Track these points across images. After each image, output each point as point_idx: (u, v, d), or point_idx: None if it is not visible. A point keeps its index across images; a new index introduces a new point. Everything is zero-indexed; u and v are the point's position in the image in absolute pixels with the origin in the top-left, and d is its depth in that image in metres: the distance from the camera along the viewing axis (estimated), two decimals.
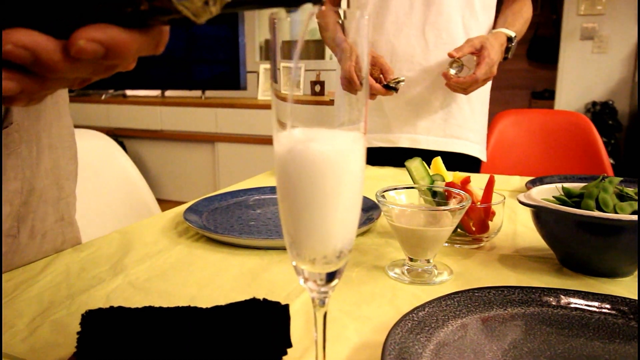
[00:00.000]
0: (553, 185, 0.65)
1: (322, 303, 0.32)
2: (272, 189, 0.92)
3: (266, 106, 3.05)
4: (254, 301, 0.39)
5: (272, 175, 1.13)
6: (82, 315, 0.37)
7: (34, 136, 0.60)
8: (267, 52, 4.02)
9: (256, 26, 4.10)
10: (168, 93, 3.64)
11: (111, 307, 0.38)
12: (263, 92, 3.31)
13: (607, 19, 3.42)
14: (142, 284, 0.56)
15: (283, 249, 0.66)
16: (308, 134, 0.29)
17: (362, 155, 0.30)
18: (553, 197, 0.61)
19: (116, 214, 1.03)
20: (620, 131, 3.46)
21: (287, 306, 0.39)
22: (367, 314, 0.49)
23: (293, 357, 0.41)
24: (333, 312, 0.49)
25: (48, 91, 0.30)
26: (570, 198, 0.59)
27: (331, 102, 0.32)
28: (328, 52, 2.38)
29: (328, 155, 0.28)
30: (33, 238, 0.61)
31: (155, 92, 3.67)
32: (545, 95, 4.94)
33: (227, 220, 0.76)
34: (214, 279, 0.58)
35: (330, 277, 0.29)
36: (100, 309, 0.38)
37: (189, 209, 0.78)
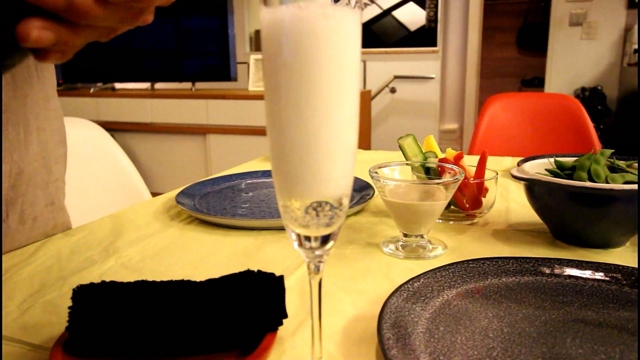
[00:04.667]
0: (545, 160, 0.65)
1: (317, 269, 0.32)
2: (265, 173, 0.92)
3: (257, 97, 3.03)
4: (248, 273, 0.39)
5: (265, 160, 1.13)
6: (73, 290, 0.36)
7: (22, 118, 0.59)
8: (257, 43, 4.00)
9: (246, 17, 4.07)
10: (157, 85, 3.61)
11: (103, 282, 0.37)
12: (254, 82, 3.29)
13: (596, 4, 3.43)
14: (135, 265, 0.55)
15: (277, 229, 0.65)
16: (296, 9, 0.26)
17: (359, 36, 0.27)
18: (545, 169, 0.61)
19: (108, 201, 1.02)
20: (609, 116, 3.49)
21: (281, 277, 0.39)
22: (362, 288, 0.49)
23: (288, 331, 0.41)
24: (328, 286, 0.49)
25: (80, 41, 0.30)
26: (563, 171, 0.59)
27: None
28: None
29: (322, 30, 0.25)
30: (23, 223, 0.60)
31: (145, 85, 3.63)
32: (534, 83, 4.96)
33: (219, 203, 0.76)
34: (208, 259, 0.57)
35: (325, 239, 0.29)
36: (91, 284, 0.37)
37: (181, 193, 0.78)
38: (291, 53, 0.26)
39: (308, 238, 0.29)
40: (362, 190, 0.77)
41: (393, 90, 3.75)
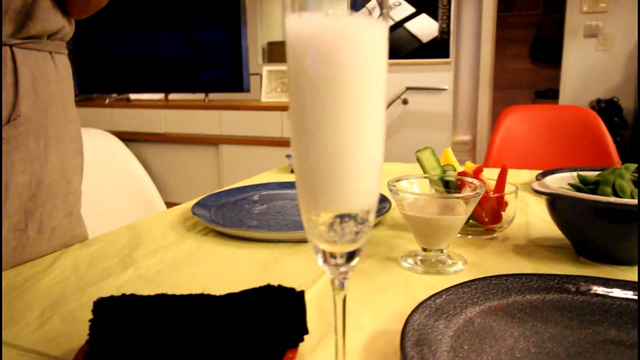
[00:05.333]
0: (567, 174, 0.64)
1: (342, 286, 0.31)
2: (280, 185, 0.91)
3: (270, 108, 3.05)
4: (268, 287, 0.38)
5: (279, 172, 1.13)
6: (94, 302, 0.36)
7: (42, 129, 0.59)
8: (270, 54, 4.03)
9: (259, 29, 4.11)
10: (171, 96, 3.65)
11: (123, 295, 0.37)
12: (266, 94, 3.31)
13: (611, 16, 3.41)
14: (152, 277, 0.55)
15: (294, 241, 0.65)
16: (322, 17, 0.25)
17: (385, 46, 0.27)
18: (568, 184, 0.60)
19: (122, 211, 1.03)
20: (625, 128, 3.44)
21: (302, 292, 0.38)
22: (381, 303, 0.48)
23: (308, 347, 0.40)
24: (347, 301, 0.48)
25: None
26: (586, 185, 0.58)
27: None
28: None
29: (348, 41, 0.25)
30: (42, 233, 0.60)
31: (159, 96, 3.67)
32: (548, 95, 4.93)
33: (235, 215, 0.75)
34: (225, 271, 0.57)
35: (351, 255, 0.29)
36: (112, 297, 0.37)
37: (197, 204, 0.78)
38: (316, 61, 0.25)
39: (333, 255, 0.28)
40: (379, 203, 0.76)
41: (405, 102, 3.75)
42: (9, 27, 0.54)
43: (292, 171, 1.06)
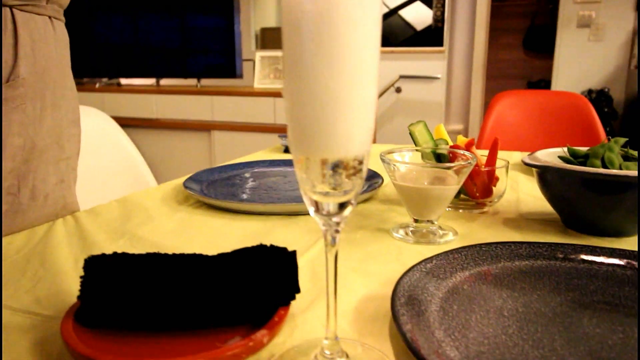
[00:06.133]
0: (558, 149, 0.64)
1: (333, 241, 0.31)
2: (272, 162, 0.91)
3: (263, 94, 3.03)
4: (261, 247, 0.39)
5: (271, 152, 1.13)
6: (85, 260, 0.36)
7: (39, 93, 0.59)
8: (263, 40, 4.00)
9: (252, 14, 4.07)
10: (163, 82, 3.61)
11: (115, 253, 0.37)
12: (259, 80, 3.29)
13: (604, 6, 3.42)
14: (144, 246, 0.55)
15: (286, 214, 0.65)
16: None
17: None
18: (558, 157, 0.61)
19: (115, 188, 1.02)
20: (616, 119, 3.47)
21: (294, 252, 0.39)
22: (373, 270, 0.49)
23: (300, 308, 0.40)
24: (339, 267, 0.49)
25: None
26: (576, 158, 0.59)
27: None
28: None
29: None
30: (34, 199, 0.60)
31: (150, 81, 3.63)
32: (541, 85, 4.94)
33: (227, 190, 0.76)
34: (218, 241, 0.57)
35: (343, 204, 0.29)
36: (103, 255, 0.37)
37: (189, 179, 0.78)
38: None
39: (325, 204, 0.29)
40: (370, 179, 0.76)
41: (398, 90, 3.75)
42: None
43: (285, 150, 1.06)
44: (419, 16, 3.82)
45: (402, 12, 3.84)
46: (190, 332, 0.35)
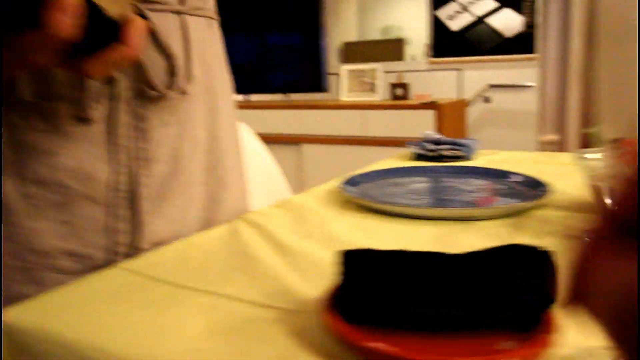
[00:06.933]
0: None
1: None
2: (423, 169, 0.89)
3: (350, 107, 3.06)
4: (514, 246, 0.37)
5: (399, 159, 1.11)
6: (343, 253, 0.36)
7: (210, 88, 0.62)
8: (347, 54, 4.04)
9: (335, 30, 4.14)
10: (251, 97, 3.76)
11: (368, 249, 0.37)
12: (346, 93, 3.32)
13: None
14: (336, 245, 0.55)
15: (460, 219, 0.63)
16: None
17: None
18: None
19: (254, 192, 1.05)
20: None
21: (551, 253, 0.36)
22: None
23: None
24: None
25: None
26: None
27: None
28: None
29: None
30: (226, 189, 0.64)
31: (239, 98, 3.79)
32: None
33: (389, 193, 0.75)
34: (401, 245, 0.56)
35: None
36: (358, 249, 0.36)
37: (347, 183, 0.77)
38: None
39: None
40: (535, 186, 0.72)
41: (487, 100, 3.62)
42: None
43: (417, 158, 1.04)
44: (508, 23, 3.69)
45: (490, 20, 3.73)
46: (452, 332, 0.34)
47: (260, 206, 0.99)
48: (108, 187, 0.51)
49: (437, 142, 0.97)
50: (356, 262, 0.35)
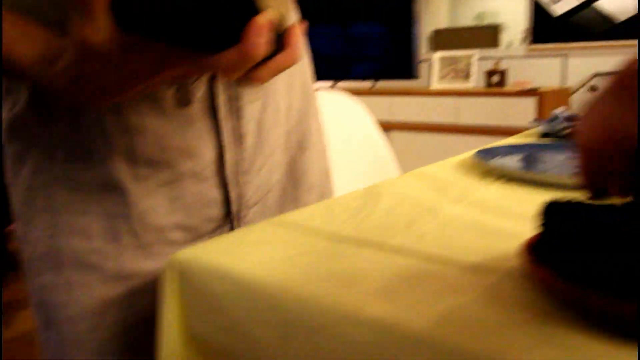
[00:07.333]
0: None
1: None
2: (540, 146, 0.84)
3: (440, 93, 2.96)
4: None
5: (524, 137, 1.05)
6: (547, 204, 0.34)
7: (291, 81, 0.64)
8: (437, 42, 3.93)
9: (425, 18, 4.03)
10: (340, 84, 3.77)
11: (569, 201, 0.34)
12: (438, 80, 3.22)
13: None
14: (493, 211, 0.52)
15: None
16: None
17: None
18: None
19: (360, 170, 1.05)
20: None
21: None
22: None
23: None
24: None
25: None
26: None
27: None
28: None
29: None
30: (304, 151, 0.65)
31: (327, 84, 3.82)
32: None
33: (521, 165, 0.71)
34: None
35: None
36: (561, 201, 0.34)
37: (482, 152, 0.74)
38: None
39: None
40: None
41: (594, 89, 3.34)
42: None
43: (543, 135, 0.97)
44: (619, 5, 3.37)
45: (598, 4, 3.43)
46: None
47: (365, 177, 0.98)
48: (212, 163, 0.53)
49: (569, 119, 0.91)
50: (559, 213, 0.33)
